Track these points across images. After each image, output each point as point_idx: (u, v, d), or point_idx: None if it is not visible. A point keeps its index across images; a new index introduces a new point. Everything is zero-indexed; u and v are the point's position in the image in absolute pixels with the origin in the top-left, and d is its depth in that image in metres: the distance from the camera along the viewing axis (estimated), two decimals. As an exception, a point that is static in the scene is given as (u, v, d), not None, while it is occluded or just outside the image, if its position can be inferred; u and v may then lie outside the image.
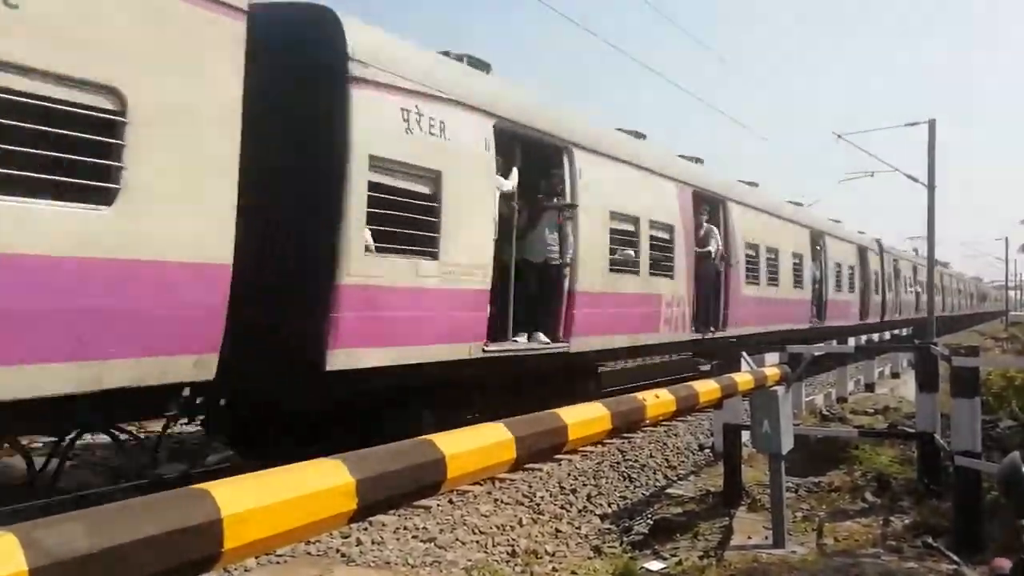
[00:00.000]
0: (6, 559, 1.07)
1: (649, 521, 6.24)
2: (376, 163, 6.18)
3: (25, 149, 3.96)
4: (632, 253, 10.22)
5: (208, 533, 1.29)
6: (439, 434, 2.03)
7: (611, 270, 9.72)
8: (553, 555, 5.50)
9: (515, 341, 8.29)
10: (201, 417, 6.97)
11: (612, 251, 9.70)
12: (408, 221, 6.51)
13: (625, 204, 10.06)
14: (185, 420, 7.66)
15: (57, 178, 4.13)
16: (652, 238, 10.77)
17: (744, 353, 6.95)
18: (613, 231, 9.74)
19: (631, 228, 10.23)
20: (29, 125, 3.99)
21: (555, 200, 8.71)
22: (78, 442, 8.65)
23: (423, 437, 1.98)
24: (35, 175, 4.01)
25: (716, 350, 12.99)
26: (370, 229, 6.18)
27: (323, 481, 1.54)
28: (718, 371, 6.18)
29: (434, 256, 6.83)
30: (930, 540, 4.74)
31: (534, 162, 8.75)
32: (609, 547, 5.76)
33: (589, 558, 5.48)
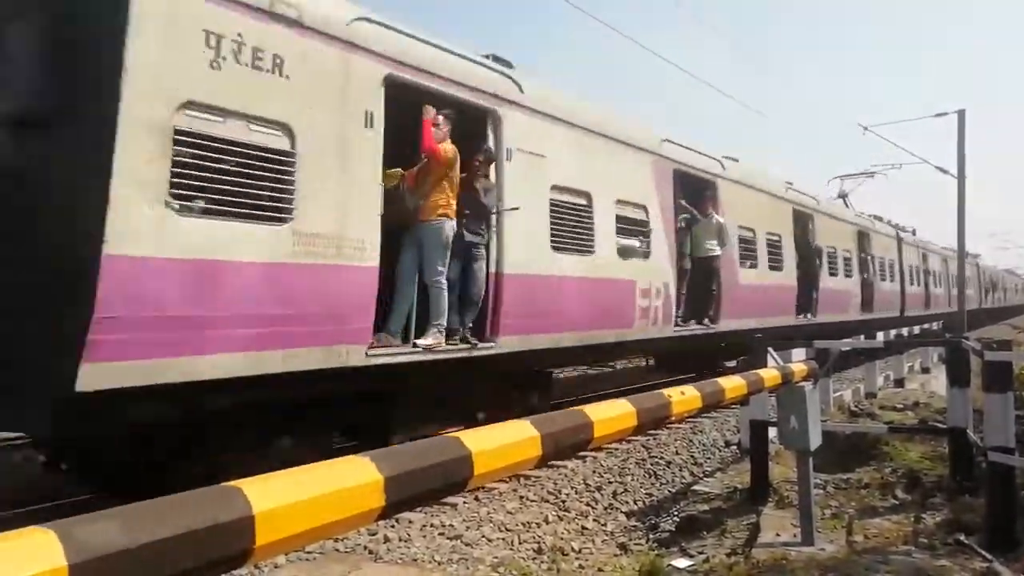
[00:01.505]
0: (47, 555, 1.10)
1: (676, 518, 6.21)
2: (167, 98, 4.66)
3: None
4: (584, 230, 8.49)
5: (240, 529, 1.31)
6: (466, 431, 2.03)
7: (554, 249, 8.00)
8: (579, 552, 5.50)
9: (416, 344, 6.58)
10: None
11: (555, 228, 8.02)
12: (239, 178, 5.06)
13: (572, 176, 8.40)
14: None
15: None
16: (619, 217, 9.10)
17: (770, 349, 6.87)
18: (558, 205, 8.12)
19: (583, 203, 8.58)
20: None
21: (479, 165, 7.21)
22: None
23: (450, 434, 1.99)
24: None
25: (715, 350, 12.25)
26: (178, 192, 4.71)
27: (352, 478, 1.56)
28: (744, 367, 6.14)
29: (281, 220, 5.32)
30: (962, 538, 4.67)
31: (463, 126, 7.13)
32: (636, 544, 5.75)
33: (615, 555, 5.47)
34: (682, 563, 4.91)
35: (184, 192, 4.75)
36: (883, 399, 11.35)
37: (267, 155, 5.24)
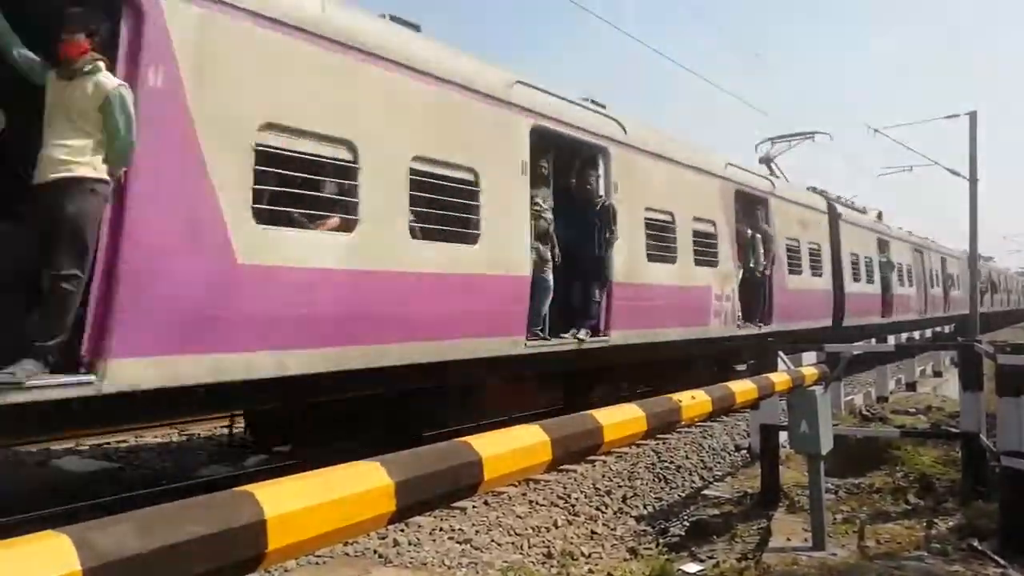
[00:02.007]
0: (61, 560, 1.11)
1: (685, 523, 6.19)
2: None
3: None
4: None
5: (253, 534, 1.32)
6: (475, 436, 2.04)
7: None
8: (589, 556, 5.48)
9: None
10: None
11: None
12: None
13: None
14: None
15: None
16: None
17: (780, 352, 6.85)
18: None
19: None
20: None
21: None
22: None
23: (459, 439, 2.00)
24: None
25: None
26: None
27: (363, 483, 1.57)
28: (754, 371, 6.11)
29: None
30: (976, 543, 4.64)
31: None
32: (645, 549, 5.73)
33: (625, 560, 5.46)
34: (692, 568, 4.89)
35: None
36: (895, 403, 11.28)
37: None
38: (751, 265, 12.26)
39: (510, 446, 2.10)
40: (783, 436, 6.26)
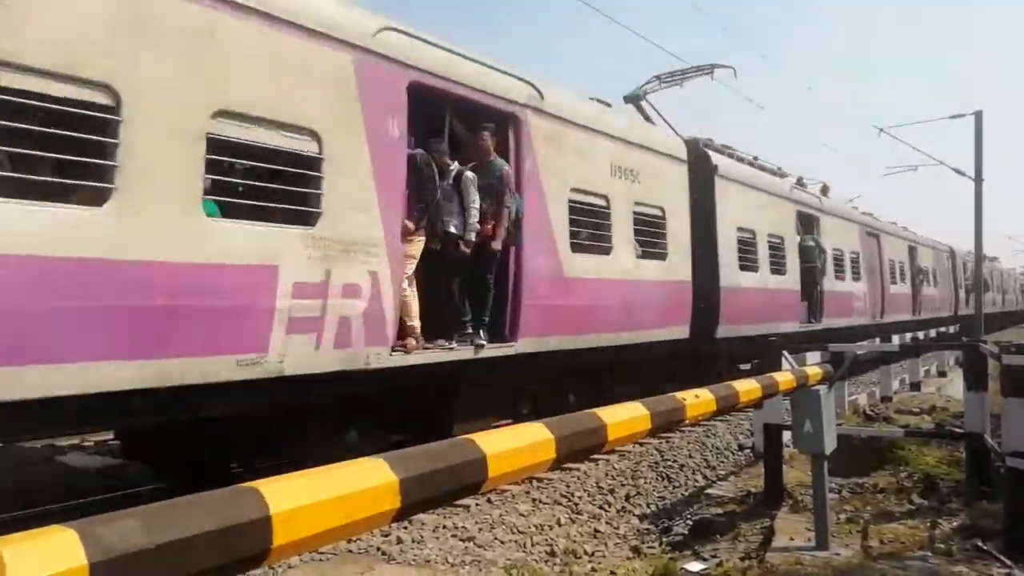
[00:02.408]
0: (67, 554, 1.11)
1: (689, 522, 6.19)
2: None
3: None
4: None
5: (258, 530, 1.32)
6: (480, 433, 2.04)
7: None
8: (592, 555, 5.49)
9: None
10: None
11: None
12: None
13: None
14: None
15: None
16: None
17: (785, 352, 6.84)
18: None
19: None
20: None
21: None
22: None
23: (464, 436, 2.00)
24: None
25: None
26: None
27: (368, 480, 1.57)
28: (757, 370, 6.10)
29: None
30: (980, 543, 4.63)
31: None
32: (648, 547, 5.73)
33: (628, 558, 5.46)
34: (695, 567, 4.88)
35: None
36: (899, 403, 11.25)
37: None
38: None
39: (514, 444, 2.10)
40: (787, 435, 6.25)
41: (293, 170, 5.51)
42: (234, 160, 5.44)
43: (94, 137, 4.38)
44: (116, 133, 4.42)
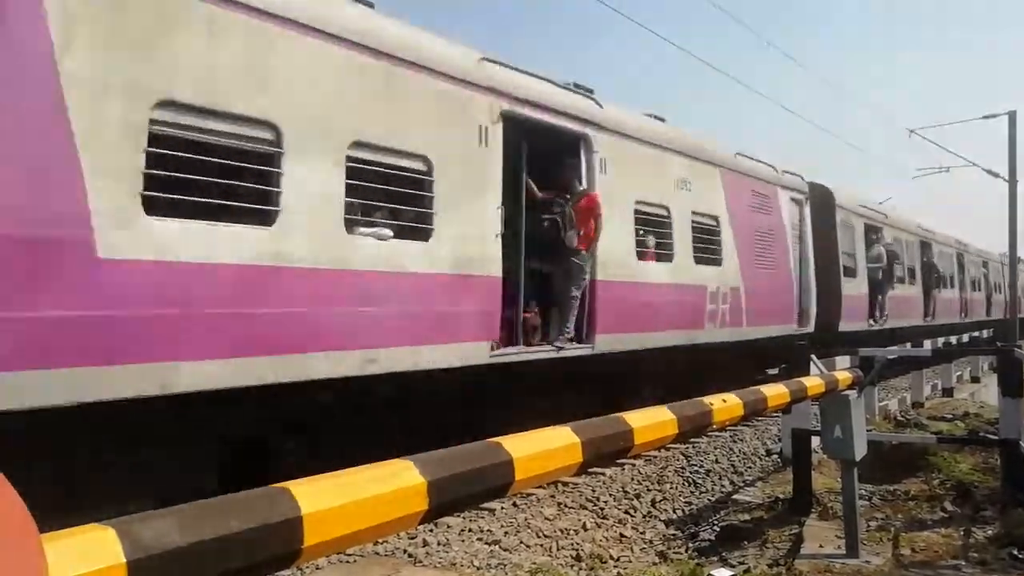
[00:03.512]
0: (107, 551, 1.14)
1: (716, 527, 6.14)
2: None
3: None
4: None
5: (290, 530, 1.34)
6: (506, 436, 2.04)
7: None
8: (618, 560, 5.46)
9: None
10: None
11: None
12: None
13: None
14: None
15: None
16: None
17: (813, 356, 6.77)
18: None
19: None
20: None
21: None
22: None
23: (491, 440, 2.01)
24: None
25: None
26: None
27: (396, 482, 1.58)
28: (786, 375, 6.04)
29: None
30: (1016, 552, 4.53)
31: None
32: (675, 553, 5.69)
33: (654, 564, 5.43)
34: (723, 573, 4.84)
35: None
36: (931, 409, 11.07)
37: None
38: None
39: (541, 447, 2.10)
40: (815, 441, 6.18)
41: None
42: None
43: None
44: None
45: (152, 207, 4.55)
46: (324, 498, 1.42)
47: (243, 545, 1.27)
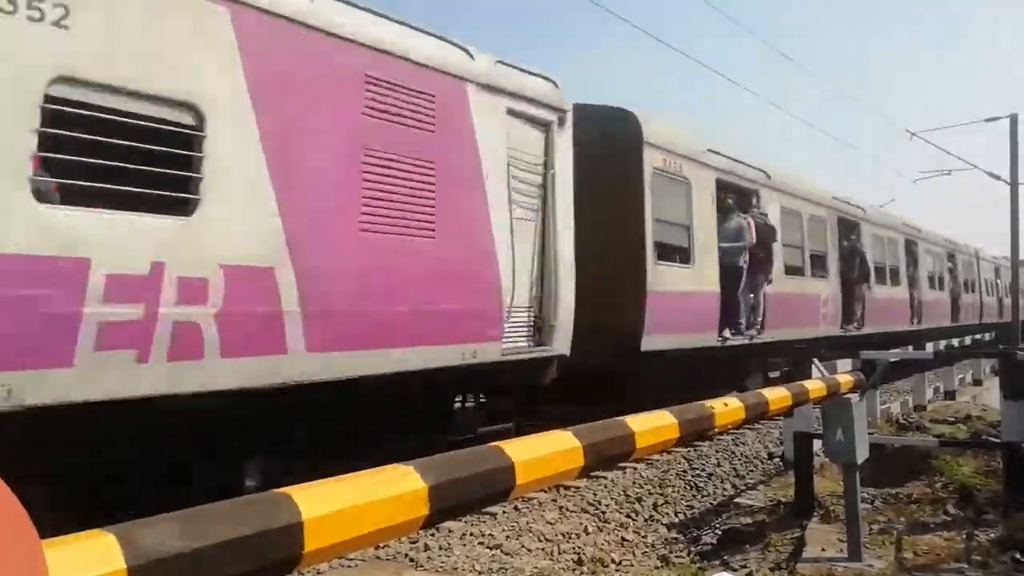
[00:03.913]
0: (107, 557, 1.14)
1: (717, 531, 6.13)
2: None
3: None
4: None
5: (290, 535, 1.34)
6: (508, 441, 2.05)
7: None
8: (620, 564, 5.45)
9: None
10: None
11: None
12: None
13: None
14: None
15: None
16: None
17: (815, 360, 6.76)
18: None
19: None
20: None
21: None
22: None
23: (492, 444, 2.01)
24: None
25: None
26: None
27: (398, 487, 1.58)
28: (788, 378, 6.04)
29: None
30: (1018, 555, 4.52)
31: None
32: (677, 557, 5.68)
33: (656, 568, 5.42)
34: (725, 577, 4.84)
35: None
36: (933, 412, 11.05)
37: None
38: None
39: (542, 451, 2.10)
40: (817, 444, 6.17)
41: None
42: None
43: None
44: None
45: None
46: (325, 503, 1.42)
47: (244, 550, 1.27)
